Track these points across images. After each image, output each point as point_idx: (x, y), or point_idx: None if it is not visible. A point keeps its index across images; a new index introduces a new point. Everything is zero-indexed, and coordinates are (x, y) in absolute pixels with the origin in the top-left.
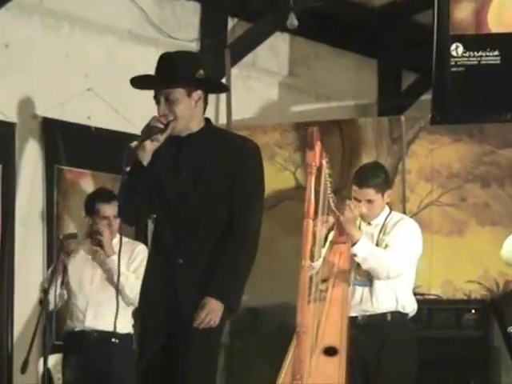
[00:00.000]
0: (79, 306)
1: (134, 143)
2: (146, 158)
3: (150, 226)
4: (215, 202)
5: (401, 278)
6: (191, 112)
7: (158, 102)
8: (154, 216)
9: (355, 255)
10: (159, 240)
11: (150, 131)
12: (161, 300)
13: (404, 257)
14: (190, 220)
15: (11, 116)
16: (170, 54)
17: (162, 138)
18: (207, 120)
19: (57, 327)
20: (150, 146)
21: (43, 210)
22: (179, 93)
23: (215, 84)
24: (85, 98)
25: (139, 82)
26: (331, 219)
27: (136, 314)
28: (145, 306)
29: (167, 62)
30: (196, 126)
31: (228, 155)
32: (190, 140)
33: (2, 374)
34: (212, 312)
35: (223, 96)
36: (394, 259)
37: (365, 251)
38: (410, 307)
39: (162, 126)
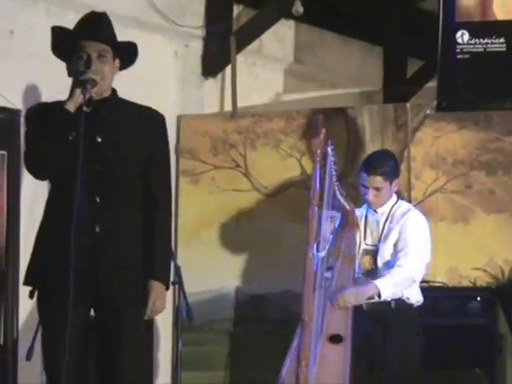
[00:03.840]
0: None
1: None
2: (72, 107)
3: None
4: (132, 169)
5: None
6: (111, 79)
7: (89, 58)
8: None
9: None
10: (65, 206)
11: (85, 81)
12: (77, 271)
13: (419, 260)
14: (107, 187)
15: (16, 103)
16: (100, 13)
17: (91, 92)
18: (114, 90)
19: None
20: (79, 98)
21: None
22: (109, 53)
23: (134, 53)
24: None
25: (64, 35)
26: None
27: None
28: (51, 276)
29: (100, 18)
30: (107, 93)
31: (146, 125)
32: (104, 104)
33: (7, 361)
34: (159, 297)
35: (228, 83)
36: (411, 270)
37: (390, 291)
38: (415, 298)
39: (98, 81)
